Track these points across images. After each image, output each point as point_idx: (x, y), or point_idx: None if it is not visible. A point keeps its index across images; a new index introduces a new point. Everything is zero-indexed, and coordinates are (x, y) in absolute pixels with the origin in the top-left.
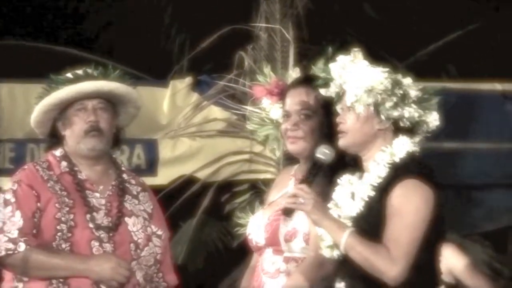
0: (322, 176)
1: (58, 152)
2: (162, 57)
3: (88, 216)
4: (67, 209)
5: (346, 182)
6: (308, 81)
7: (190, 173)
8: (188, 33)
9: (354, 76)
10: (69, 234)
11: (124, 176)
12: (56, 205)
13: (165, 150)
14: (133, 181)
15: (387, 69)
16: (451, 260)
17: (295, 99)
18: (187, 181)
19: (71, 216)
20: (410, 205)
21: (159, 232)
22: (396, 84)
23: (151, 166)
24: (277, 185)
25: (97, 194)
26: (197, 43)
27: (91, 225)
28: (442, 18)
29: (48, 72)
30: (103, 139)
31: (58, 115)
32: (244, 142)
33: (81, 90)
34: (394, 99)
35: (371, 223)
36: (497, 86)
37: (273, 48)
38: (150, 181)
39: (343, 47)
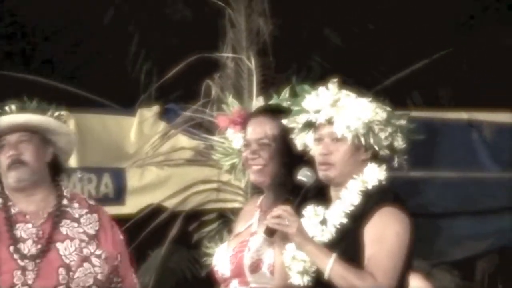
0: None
1: None
2: (129, 85)
3: (11, 248)
4: None
5: (312, 214)
6: (268, 110)
7: (158, 202)
8: (155, 61)
9: (348, 107)
10: None
11: (64, 201)
12: None
13: (133, 179)
14: (76, 205)
15: (372, 99)
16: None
17: (254, 128)
18: (155, 210)
19: None
20: (391, 232)
21: (98, 252)
22: (391, 114)
23: (119, 195)
24: (243, 216)
25: (29, 225)
26: (164, 71)
27: (15, 256)
28: (408, 46)
29: (7, 100)
30: (27, 170)
31: None
32: (211, 171)
33: None
34: (389, 129)
35: (346, 250)
36: (463, 115)
37: (240, 77)
38: (118, 210)
39: (309, 75)
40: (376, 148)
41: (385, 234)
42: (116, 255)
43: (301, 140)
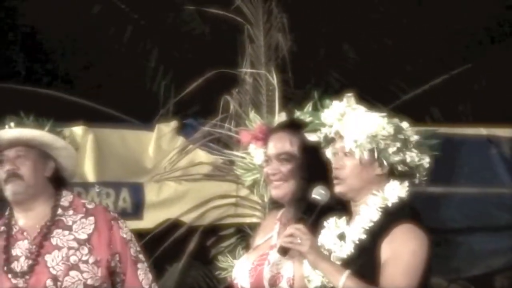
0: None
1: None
2: (148, 100)
3: (5, 268)
4: None
5: (333, 225)
6: (289, 125)
7: (175, 217)
8: (174, 77)
9: (354, 121)
10: None
11: (59, 211)
12: None
13: (151, 194)
14: (70, 212)
15: (384, 114)
16: None
17: (275, 144)
18: (173, 225)
19: None
20: (408, 249)
21: (86, 258)
22: (398, 129)
23: (136, 209)
24: (263, 230)
25: (26, 242)
26: (183, 86)
27: (9, 276)
28: (427, 62)
29: (29, 114)
30: (22, 183)
31: None
32: (230, 186)
33: None
34: (398, 144)
35: (363, 266)
36: (482, 131)
37: (259, 92)
38: (135, 224)
39: (327, 90)
40: (385, 163)
41: (401, 251)
42: (112, 256)
43: (327, 154)
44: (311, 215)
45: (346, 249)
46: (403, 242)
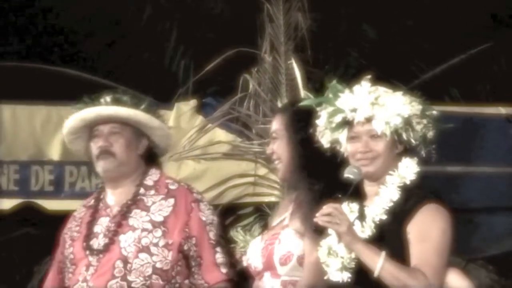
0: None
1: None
2: (167, 79)
3: (84, 244)
4: (70, 242)
5: (347, 211)
6: (285, 106)
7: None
8: (193, 56)
9: (387, 104)
10: (73, 267)
11: (141, 190)
12: (66, 244)
13: (169, 173)
14: (152, 192)
15: (405, 93)
16: (456, 284)
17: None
18: None
19: (71, 249)
20: (437, 229)
21: (156, 240)
22: (426, 106)
23: None
24: (279, 211)
25: (107, 218)
26: (202, 65)
27: (87, 252)
28: (445, 41)
29: (53, 94)
30: (114, 160)
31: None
32: (248, 165)
33: (84, 117)
34: (424, 121)
35: (388, 246)
36: (501, 110)
37: (278, 71)
38: None
39: (347, 70)
40: (413, 141)
41: (432, 231)
42: (186, 239)
43: (330, 138)
44: (346, 193)
45: (367, 230)
46: (432, 222)
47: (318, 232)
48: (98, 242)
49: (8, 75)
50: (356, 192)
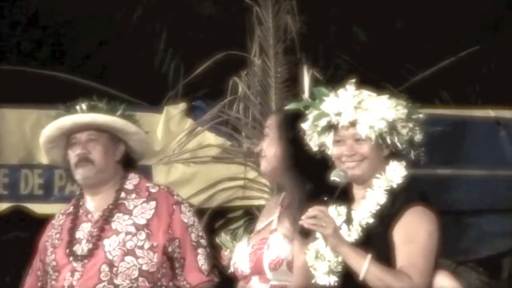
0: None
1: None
2: (156, 82)
3: (67, 251)
4: (51, 249)
5: (334, 213)
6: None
7: (184, 199)
8: (183, 59)
9: (370, 108)
10: (56, 274)
11: (122, 194)
12: (48, 251)
13: (159, 176)
14: (133, 196)
15: (392, 96)
16: (445, 286)
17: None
18: None
19: (53, 256)
20: (423, 231)
21: (141, 243)
22: (411, 110)
23: None
24: (265, 214)
25: (89, 224)
26: (192, 68)
27: (71, 259)
28: (435, 44)
29: (42, 98)
30: (93, 168)
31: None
32: (238, 168)
33: (60, 125)
34: (410, 124)
35: (375, 250)
36: (490, 113)
37: (267, 74)
38: None
39: (337, 72)
40: (399, 145)
41: (418, 233)
42: (170, 241)
43: (317, 142)
44: (332, 197)
45: (353, 234)
46: (418, 224)
47: (304, 234)
48: (81, 248)
49: None
50: (343, 196)
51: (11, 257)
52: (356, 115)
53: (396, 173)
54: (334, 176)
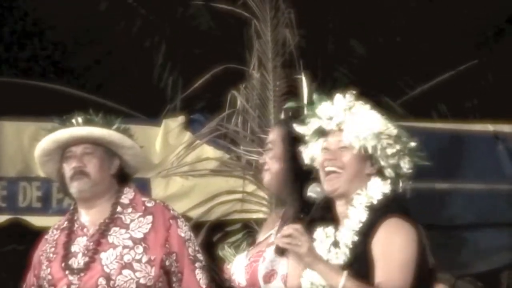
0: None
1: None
2: (155, 95)
3: (63, 264)
4: (46, 263)
5: (323, 236)
6: (283, 118)
7: (182, 212)
8: (181, 72)
9: (360, 116)
10: None
11: (118, 209)
12: (43, 266)
13: (157, 189)
14: (129, 210)
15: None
16: None
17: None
18: None
19: (48, 270)
20: (396, 245)
21: (139, 257)
22: (401, 132)
23: None
24: (266, 227)
25: (84, 238)
26: (190, 82)
27: (67, 272)
28: (434, 58)
29: (40, 110)
30: (88, 181)
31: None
32: (236, 181)
33: (56, 139)
34: (397, 147)
35: (358, 268)
36: (489, 127)
37: (266, 87)
38: None
39: (335, 86)
40: (382, 163)
41: (392, 247)
42: (168, 255)
43: (309, 153)
44: (308, 214)
45: (341, 256)
46: (391, 238)
47: (280, 253)
48: (77, 261)
49: None
50: (328, 215)
51: (9, 269)
52: (344, 119)
53: (376, 189)
54: (311, 192)
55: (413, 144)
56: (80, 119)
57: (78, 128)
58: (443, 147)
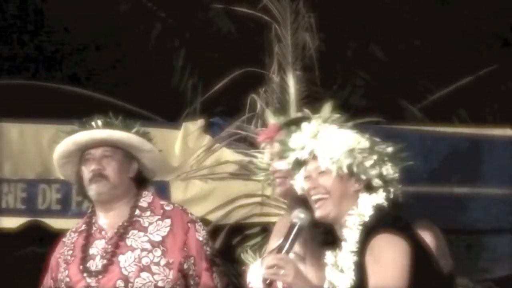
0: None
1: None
2: (175, 98)
3: (81, 267)
4: (64, 265)
5: (333, 260)
6: (291, 123)
7: (201, 215)
8: (201, 75)
9: (328, 139)
10: None
11: (136, 212)
12: (60, 268)
13: (176, 192)
14: (148, 213)
15: (356, 130)
16: None
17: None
18: None
19: (66, 272)
20: (385, 260)
21: (157, 260)
22: (374, 142)
23: None
24: (277, 233)
25: (103, 241)
26: (210, 85)
27: (85, 275)
28: (453, 62)
29: (60, 113)
30: (107, 184)
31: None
32: (256, 185)
33: (76, 141)
34: (374, 157)
35: (357, 285)
36: (509, 132)
37: (285, 91)
38: None
39: (354, 91)
40: (363, 177)
41: (381, 263)
42: (186, 259)
43: (298, 184)
44: (293, 239)
45: (347, 279)
46: (381, 254)
47: (267, 285)
48: (95, 264)
49: (16, 93)
50: (332, 240)
51: (28, 272)
52: (314, 146)
53: (367, 205)
54: (294, 218)
55: (390, 149)
56: (99, 122)
57: (98, 131)
58: (463, 151)
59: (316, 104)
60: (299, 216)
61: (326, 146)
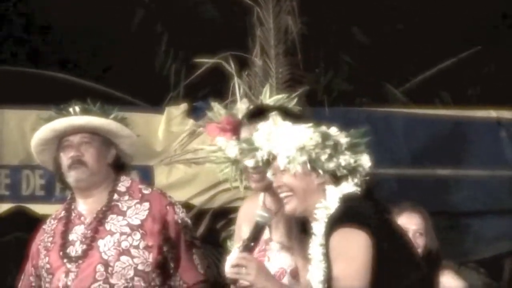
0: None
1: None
2: (158, 83)
3: (61, 253)
4: (45, 252)
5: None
6: (258, 114)
7: (185, 199)
8: (184, 60)
9: (282, 138)
10: (50, 276)
11: (115, 196)
12: (41, 255)
13: (160, 177)
14: (126, 197)
15: (310, 125)
16: (450, 284)
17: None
18: (183, 208)
19: (46, 259)
20: (345, 255)
21: (137, 243)
22: (326, 136)
23: None
24: (247, 219)
25: (82, 226)
26: (193, 69)
27: (65, 260)
28: (435, 45)
29: (42, 99)
30: (86, 170)
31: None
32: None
33: (55, 128)
34: (328, 151)
35: (327, 280)
36: (492, 113)
37: (268, 75)
38: None
39: (336, 73)
40: (321, 172)
41: (339, 258)
42: (165, 241)
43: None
44: (256, 238)
45: (319, 271)
46: (340, 249)
47: (232, 282)
48: (75, 250)
49: None
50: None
51: (12, 257)
52: (270, 147)
53: (332, 197)
54: (256, 217)
55: (345, 139)
56: (77, 108)
57: (77, 117)
58: (446, 134)
59: (298, 87)
60: (262, 215)
61: (281, 145)
